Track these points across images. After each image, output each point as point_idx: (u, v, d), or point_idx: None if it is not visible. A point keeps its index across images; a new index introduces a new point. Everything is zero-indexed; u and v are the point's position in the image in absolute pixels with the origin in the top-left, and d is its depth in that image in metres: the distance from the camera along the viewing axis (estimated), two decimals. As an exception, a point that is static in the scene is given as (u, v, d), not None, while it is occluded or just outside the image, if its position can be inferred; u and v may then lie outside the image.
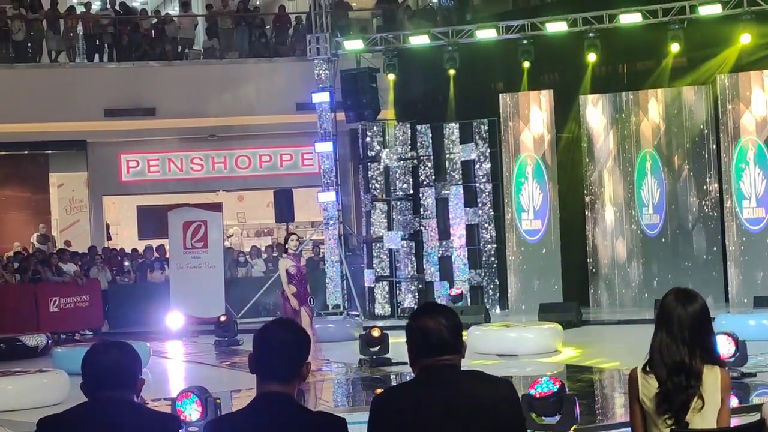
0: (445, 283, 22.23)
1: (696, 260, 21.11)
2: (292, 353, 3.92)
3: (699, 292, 4.92)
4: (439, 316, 3.97)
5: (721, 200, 20.72)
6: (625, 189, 21.64)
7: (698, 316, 4.75)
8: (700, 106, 21.10)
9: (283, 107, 24.99)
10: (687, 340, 4.70)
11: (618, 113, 21.71)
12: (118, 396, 4.08)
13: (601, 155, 21.87)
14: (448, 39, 22.03)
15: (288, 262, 15.14)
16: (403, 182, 22.48)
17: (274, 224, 27.97)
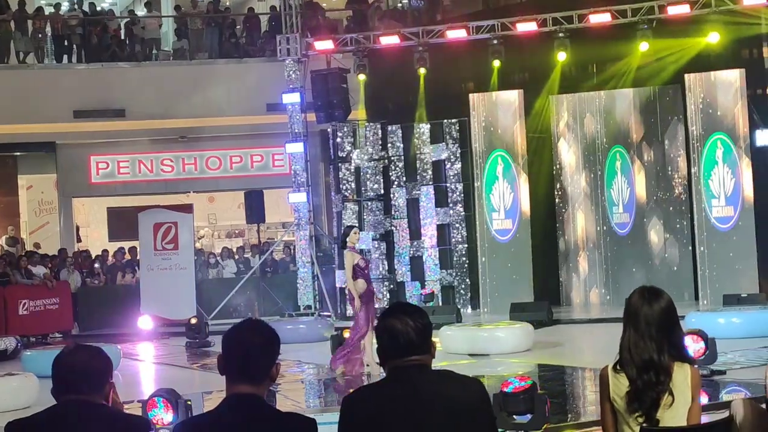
0: (417, 284, 22.25)
1: (666, 259, 21.22)
2: (263, 354, 3.90)
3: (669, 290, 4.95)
4: (407, 317, 3.98)
5: (690, 199, 20.83)
6: (595, 188, 21.73)
7: (665, 313, 4.78)
8: (669, 105, 21.22)
9: (253, 108, 24.94)
10: (655, 337, 4.72)
11: (588, 112, 21.80)
12: (88, 399, 4.05)
13: (572, 155, 21.95)
14: (419, 39, 22.03)
15: (356, 256, 14.17)
16: (374, 182, 22.48)
17: (245, 225, 27.91)
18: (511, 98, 21.91)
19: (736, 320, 16.48)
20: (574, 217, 21.89)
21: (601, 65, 22.30)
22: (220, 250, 26.13)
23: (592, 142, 21.76)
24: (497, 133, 21.94)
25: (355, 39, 22.77)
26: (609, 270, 21.61)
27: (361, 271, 13.97)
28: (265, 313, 22.53)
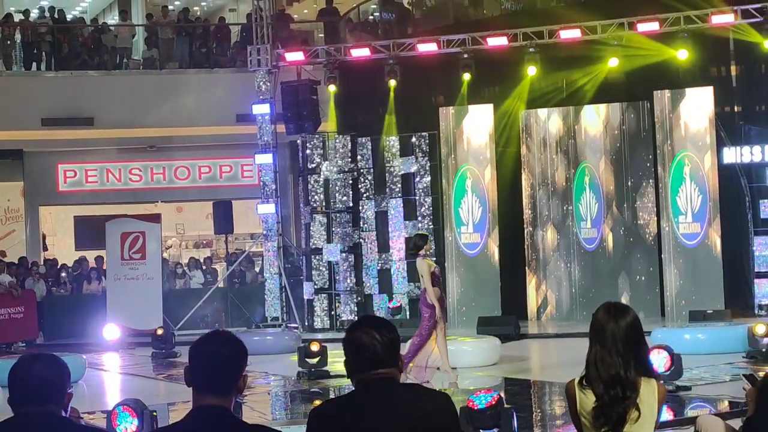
0: (385, 296, 22.23)
1: (633, 274, 21.30)
2: (230, 366, 3.88)
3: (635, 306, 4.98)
4: (374, 330, 3.97)
5: (657, 215, 20.94)
6: (563, 203, 21.81)
7: (630, 329, 4.79)
8: (638, 121, 21.33)
9: (223, 118, 24.86)
10: (621, 353, 4.74)
11: (557, 127, 21.88)
12: (45, 410, 4.00)
13: (541, 169, 22.02)
14: (389, 52, 22.08)
15: (431, 264, 13.87)
16: (343, 195, 22.46)
17: (213, 236, 27.81)
18: (480, 112, 21.97)
19: (701, 336, 16.59)
20: (542, 231, 21.95)
21: (570, 81, 22.40)
22: (188, 261, 26.02)
23: (560, 157, 21.84)
24: (467, 147, 21.99)
25: (326, 51, 22.79)
26: (576, 285, 21.68)
27: (437, 279, 13.88)
28: (232, 324, 22.47)
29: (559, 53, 21.31)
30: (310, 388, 15.08)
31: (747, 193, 20.56)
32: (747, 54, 20.88)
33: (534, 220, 22.03)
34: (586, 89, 21.85)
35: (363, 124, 23.16)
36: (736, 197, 20.67)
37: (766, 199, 20.44)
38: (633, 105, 21.38)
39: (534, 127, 22.11)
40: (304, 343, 16.89)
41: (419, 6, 26.54)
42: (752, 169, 20.54)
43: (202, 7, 32.28)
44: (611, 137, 21.46)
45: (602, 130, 21.55)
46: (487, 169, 21.86)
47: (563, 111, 21.91)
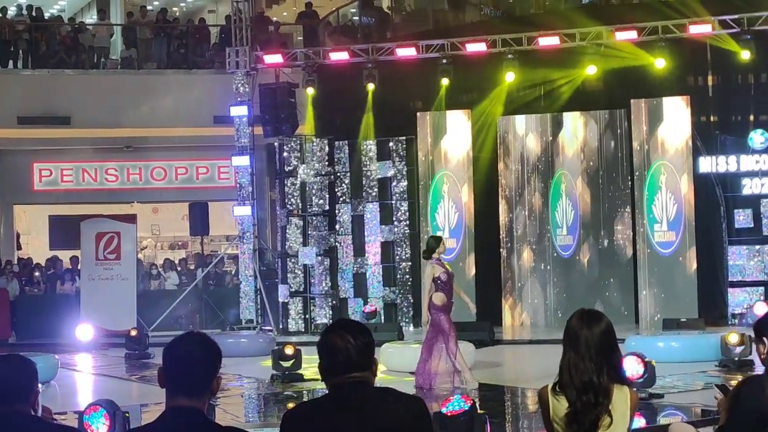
0: (360, 300, 22.22)
1: (608, 282, 21.37)
2: (203, 367, 3.87)
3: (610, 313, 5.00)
4: (348, 334, 3.97)
5: (633, 223, 21.02)
6: (540, 210, 21.85)
7: (604, 336, 4.81)
8: (616, 129, 21.40)
9: (200, 120, 24.80)
10: (594, 359, 4.75)
11: (535, 134, 21.93)
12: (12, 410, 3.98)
13: (518, 176, 22.06)
14: (368, 56, 22.08)
15: (437, 269, 13.81)
16: (320, 198, 22.44)
17: (189, 237, 27.75)
18: (458, 118, 22.00)
19: (675, 344, 16.62)
20: (518, 237, 21.98)
21: (548, 88, 22.47)
22: (163, 262, 25.95)
23: (538, 163, 21.89)
24: (444, 152, 22.01)
25: (305, 54, 22.78)
26: (551, 291, 21.73)
27: (442, 284, 13.78)
28: (206, 326, 22.41)
29: (538, 60, 21.37)
30: (284, 391, 15.04)
31: (722, 202, 20.67)
32: (724, 64, 21.01)
33: (510, 226, 22.05)
34: (564, 97, 21.91)
35: (341, 127, 23.16)
36: (711, 207, 20.77)
37: (740, 208, 20.55)
38: (610, 113, 21.45)
39: (511, 132, 22.15)
40: (278, 346, 16.85)
41: (399, 11, 26.58)
42: (727, 178, 20.64)
43: (181, 8, 32.24)
44: (588, 145, 21.52)
45: (579, 138, 21.60)
46: (464, 174, 21.89)
47: (541, 118, 21.95)
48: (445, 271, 13.90)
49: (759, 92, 21.60)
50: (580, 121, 21.62)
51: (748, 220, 20.52)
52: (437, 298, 13.73)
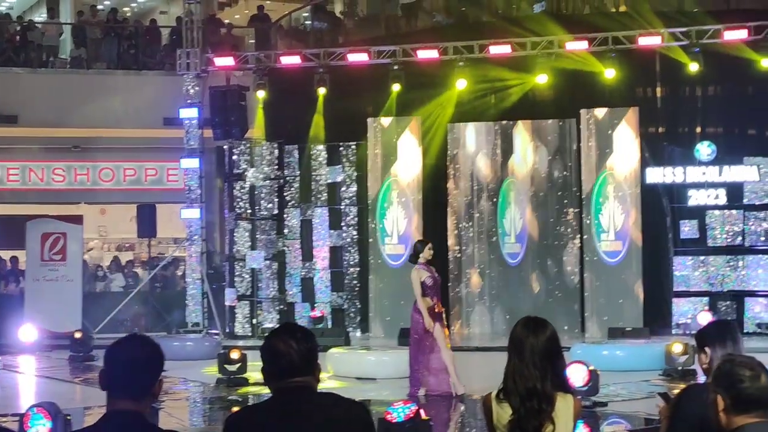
0: (307, 305, 22.16)
1: (554, 290, 21.48)
2: (145, 370, 3.84)
3: (556, 321, 5.01)
4: (291, 339, 3.96)
5: (580, 232, 21.15)
6: (488, 217, 21.92)
7: (548, 343, 4.83)
8: (565, 138, 21.53)
9: (150, 121, 24.63)
10: (539, 366, 4.77)
11: (485, 142, 22.00)
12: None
13: (467, 183, 22.12)
14: (320, 60, 22.06)
15: (423, 273, 13.69)
16: (269, 202, 22.37)
17: (136, 239, 27.54)
18: (408, 124, 22.03)
19: (619, 353, 16.75)
20: (466, 245, 22.04)
21: (499, 96, 22.56)
22: (109, 263, 25.74)
23: (487, 171, 21.96)
24: (393, 158, 22.03)
25: (256, 57, 22.71)
26: (499, 299, 21.80)
27: (427, 289, 13.65)
28: (152, 328, 22.27)
29: (489, 68, 21.44)
30: (229, 395, 14.97)
31: (668, 213, 20.87)
32: (672, 75, 21.22)
33: (459, 233, 22.10)
34: (514, 105, 22.00)
35: (291, 131, 23.08)
36: (658, 217, 20.96)
37: (686, 219, 20.75)
38: (559, 122, 21.57)
39: (461, 140, 22.21)
40: (224, 349, 16.78)
41: (351, 16, 26.58)
42: (674, 189, 20.83)
43: (132, 9, 32.03)
44: (537, 153, 21.63)
45: (527, 147, 21.70)
46: (414, 180, 21.92)
47: (490, 126, 22.03)
48: (431, 275, 13.77)
49: (706, 104, 21.84)
50: (529, 130, 21.72)
51: (693, 230, 20.72)
52: (423, 303, 13.58)
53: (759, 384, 4.07)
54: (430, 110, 22.27)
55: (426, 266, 13.78)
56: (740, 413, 4.08)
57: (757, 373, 4.09)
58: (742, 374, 4.08)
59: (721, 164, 20.45)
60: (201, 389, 15.93)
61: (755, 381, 4.07)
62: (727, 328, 5.46)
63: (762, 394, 4.08)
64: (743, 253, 20.57)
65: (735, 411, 4.09)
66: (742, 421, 4.07)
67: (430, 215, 22.04)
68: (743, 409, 4.08)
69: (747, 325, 20.18)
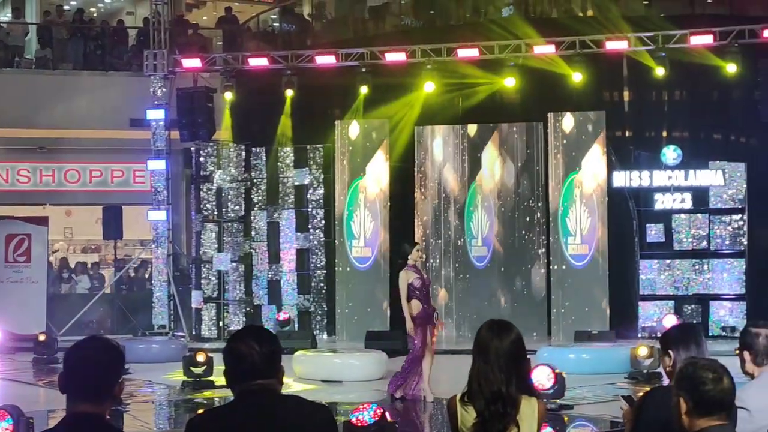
0: (274, 307, 22.11)
1: (521, 293, 21.52)
2: (105, 372, 3.81)
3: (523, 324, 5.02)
4: (254, 341, 3.94)
5: (547, 235, 21.20)
6: (455, 220, 21.95)
7: (513, 346, 4.83)
8: (531, 142, 21.58)
9: (116, 122, 24.49)
10: (503, 369, 4.77)
11: (452, 145, 22.03)
12: None
13: (434, 186, 22.14)
14: (287, 63, 22.02)
15: (410, 275, 13.39)
16: (236, 204, 22.29)
17: (102, 241, 27.37)
18: (376, 127, 22.03)
19: (586, 356, 16.81)
20: (433, 247, 22.05)
21: (467, 99, 22.59)
22: (74, 265, 25.57)
23: (454, 174, 21.98)
24: (361, 161, 22.02)
25: (224, 59, 22.64)
26: (465, 302, 21.82)
27: (415, 291, 13.36)
28: (118, 331, 22.14)
29: (457, 71, 21.46)
30: (194, 398, 14.91)
31: (635, 216, 20.95)
32: (639, 80, 21.33)
33: (425, 236, 22.11)
34: (482, 108, 22.04)
35: (258, 133, 23.02)
36: (624, 221, 21.03)
37: (653, 223, 20.83)
38: (527, 126, 21.62)
39: (428, 143, 22.23)
40: (190, 352, 16.71)
41: (319, 18, 26.54)
42: (640, 193, 20.92)
43: (99, 9, 31.84)
44: (504, 157, 21.67)
45: (497, 149, 21.74)
46: (381, 183, 21.92)
47: (459, 128, 22.06)
48: (419, 277, 13.49)
49: (672, 109, 21.99)
50: (497, 132, 21.76)
51: (659, 234, 20.81)
52: (412, 306, 13.35)
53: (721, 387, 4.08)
54: (397, 113, 22.26)
55: (414, 268, 13.53)
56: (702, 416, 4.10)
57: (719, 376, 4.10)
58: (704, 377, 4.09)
59: (686, 168, 20.56)
60: (167, 392, 15.87)
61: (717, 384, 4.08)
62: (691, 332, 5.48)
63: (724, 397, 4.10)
64: (708, 257, 20.67)
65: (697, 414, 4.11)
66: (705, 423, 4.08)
67: (397, 218, 22.04)
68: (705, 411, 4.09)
69: (712, 328, 20.29)
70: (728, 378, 4.13)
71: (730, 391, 4.12)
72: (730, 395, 4.13)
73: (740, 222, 20.59)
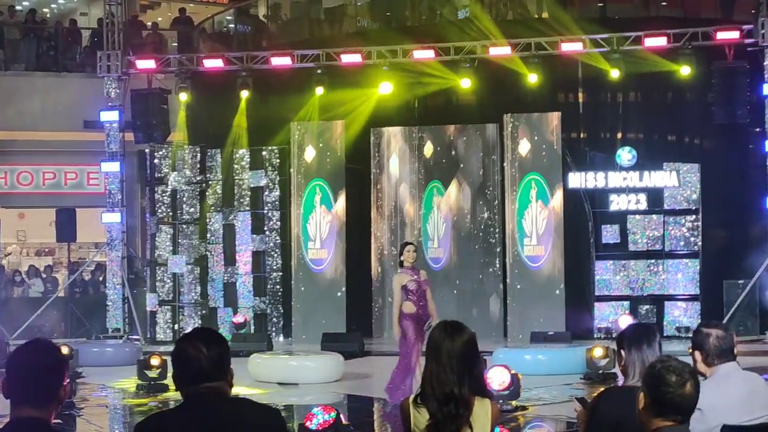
0: (230, 310, 22.00)
1: (478, 295, 21.53)
2: (48, 376, 3.74)
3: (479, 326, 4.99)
4: (201, 343, 3.90)
5: (503, 236, 21.23)
6: (411, 223, 21.92)
7: (466, 347, 4.81)
8: (488, 143, 21.60)
9: (69, 124, 24.29)
10: (456, 371, 4.75)
11: (408, 147, 22.01)
12: None
13: (390, 187, 22.11)
14: (243, 64, 21.92)
15: (404, 277, 12.90)
16: (191, 206, 22.16)
17: (56, 244, 27.14)
18: (332, 128, 21.98)
19: (542, 357, 16.84)
20: (389, 249, 22.01)
21: (423, 100, 22.61)
22: (27, 268, 25.32)
23: (410, 175, 21.96)
24: (317, 163, 21.96)
25: (179, 60, 22.50)
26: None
27: (408, 294, 12.86)
28: (72, 334, 21.95)
29: (413, 72, 21.45)
30: (149, 401, 14.80)
31: (590, 217, 21.03)
32: (594, 82, 21.41)
33: (381, 237, 22.08)
34: (438, 109, 22.05)
35: (213, 135, 22.89)
36: (580, 222, 21.11)
37: (608, 224, 20.93)
38: (483, 127, 21.64)
39: (384, 144, 22.21)
40: (144, 355, 16.60)
41: (275, 19, 26.44)
42: (596, 194, 21.01)
43: (52, 9, 31.56)
44: (461, 158, 21.68)
45: (452, 150, 21.75)
46: (337, 184, 21.86)
47: (414, 130, 22.04)
48: (413, 279, 12.96)
49: (627, 110, 22.08)
50: (453, 134, 21.77)
51: (614, 235, 20.92)
52: (405, 308, 12.86)
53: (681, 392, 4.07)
54: (353, 114, 22.22)
55: (411, 270, 13.02)
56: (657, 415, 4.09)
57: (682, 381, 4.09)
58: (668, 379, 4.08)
59: (641, 170, 20.68)
60: (121, 396, 15.74)
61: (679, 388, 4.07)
62: (644, 332, 5.49)
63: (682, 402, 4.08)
64: (663, 258, 20.80)
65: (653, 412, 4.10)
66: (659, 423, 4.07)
67: (354, 220, 22.00)
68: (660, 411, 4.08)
69: (667, 328, 20.43)
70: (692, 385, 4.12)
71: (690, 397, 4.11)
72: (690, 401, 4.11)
73: (694, 223, 20.72)
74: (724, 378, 5.60)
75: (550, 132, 20.88)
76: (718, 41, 20.07)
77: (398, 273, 13.18)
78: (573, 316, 20.62)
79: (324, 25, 25.65)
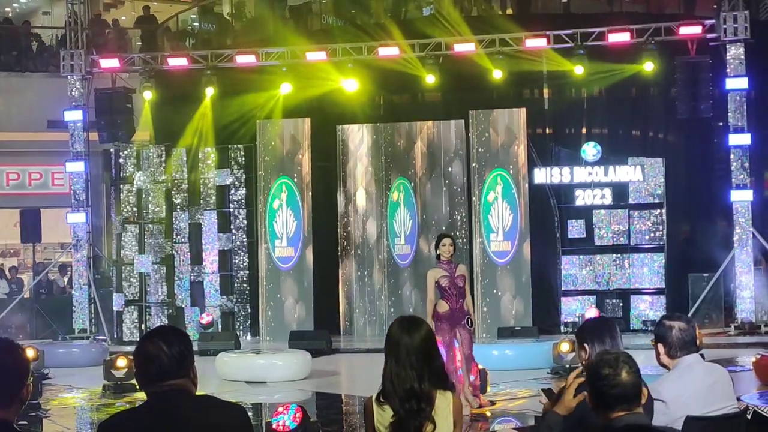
0: (197, 309, 21.94)
1: (444, 291, 21.54)
2: (10, 376, 3.72)
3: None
4: (162, 341, 3.89)
5: (470, 232, 21.27)
6: (378, 218, 21.93)
7: (424, 342, 4.82)
8: (454, 140, 21.63)
9: (33, 124, 24.16)
10: (415, 366, 4.75)
11: (374, 144, 22.01)
12: None
13: (357, 185, 22.11)
14: (207, 62, 21.86)
15: (438, 272, 12.16)
16: (156, 205, 22.09)
17: (21, 245, 26.97)
18: (298, 126, 21.94)
19: (509, 352, 16.90)
20: (356, 246, 22.02)
21: (389, 97, 22.62)
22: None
23: (376, 172, 21.96)
24: (283, 161, 21.93)
25: (143, 59, 22.40)
26: (389, 300, 21.81)
27: (442, 291, 12.18)
28: (38, 335, 21.83)
29: (378, 69, 21.46)
30: (116, 401, 14.75)
31: (556, 213, 21.12)
32: (559, 78, 21.46)
33: (349, 235, 22.08)
34: (404, 106, 22.05)
35: (178, 134, 22.78)
36: (546, 217, 21.20)
37: (574, 219, 21.03)
38: (448, 123, 21.66)
39: (351, 142, 22.19)
40: (111, 356, 16.52)
41: (239, 18, 26.37)
42: (561, 189, 21.10)
43: (14, 9, 31.34)
44: (426, 154, 21.70)
45: (418, 148, 21.77)
46: (303, 183, 21.84)
47: (381, 127, 22.04)
48: (447, 275, 12.19)
49: (591, 106, 22.20)
50: (419, 130, 21.78)
51: (580, 230, 21.03)
52: (440, 307, 12.22)
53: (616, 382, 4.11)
54: (319, 111, 22.21)
55: (447, 264, 12.24)
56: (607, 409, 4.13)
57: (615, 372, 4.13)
58: (601, 373, 4.13)
59: (606, 165, 20.77)
60: (87, 396, 15.67)
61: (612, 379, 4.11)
62: (605, 325, 5.53)
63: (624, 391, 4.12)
64: (629, 252, 20.93)
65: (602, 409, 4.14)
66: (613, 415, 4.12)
67: (320, 217, 21.98)
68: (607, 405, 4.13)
69: (633, 322, 20.58)
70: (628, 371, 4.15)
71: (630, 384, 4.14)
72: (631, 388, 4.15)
73: (659, 217, 20.86)
74: (687, 370, 5.64)
75: (515, 128, 20.94)
76: (681, 36, 20.19)
77: (433, 267, 12.54)
78: (540, 311, 20.71)
79: (289, 22, 25.59)
